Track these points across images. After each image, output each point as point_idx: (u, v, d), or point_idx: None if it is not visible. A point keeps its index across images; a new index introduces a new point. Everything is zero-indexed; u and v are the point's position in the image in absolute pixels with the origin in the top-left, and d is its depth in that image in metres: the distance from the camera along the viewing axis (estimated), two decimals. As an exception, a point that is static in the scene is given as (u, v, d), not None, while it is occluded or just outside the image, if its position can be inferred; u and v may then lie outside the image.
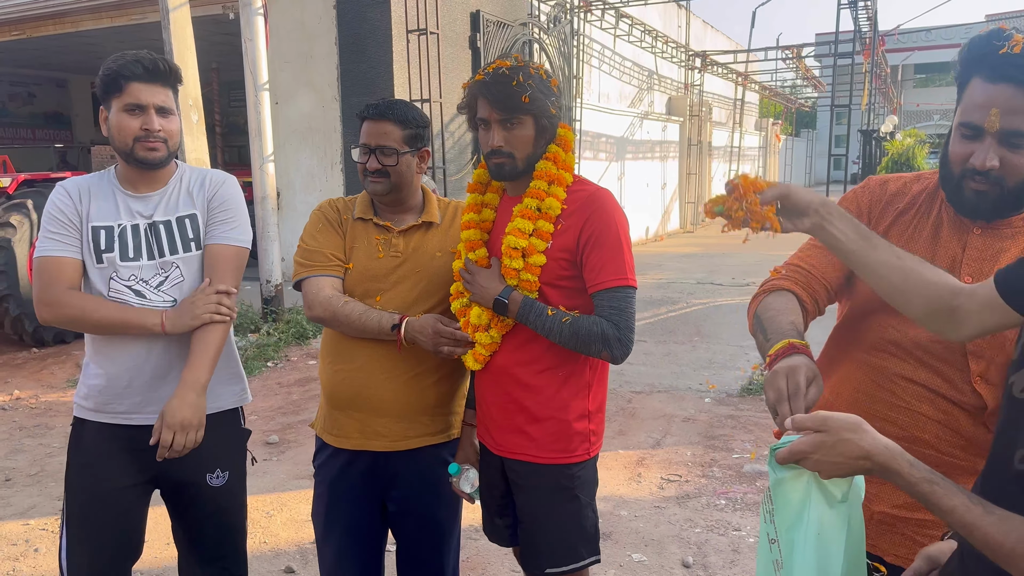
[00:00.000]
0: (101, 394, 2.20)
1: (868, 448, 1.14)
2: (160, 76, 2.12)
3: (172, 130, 2.15)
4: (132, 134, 2.11)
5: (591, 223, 1.97)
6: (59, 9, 10.03)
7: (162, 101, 2.12)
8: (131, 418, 2.19)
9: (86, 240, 2.15)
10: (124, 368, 2.17)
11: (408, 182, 2.25)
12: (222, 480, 2.29)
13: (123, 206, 2.19)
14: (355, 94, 8.53)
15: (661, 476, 4.45)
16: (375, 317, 2.13)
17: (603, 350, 1.95)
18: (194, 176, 2.29)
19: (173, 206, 2.22)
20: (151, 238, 2.18)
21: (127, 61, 2.10)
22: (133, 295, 2.14)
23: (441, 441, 2.29)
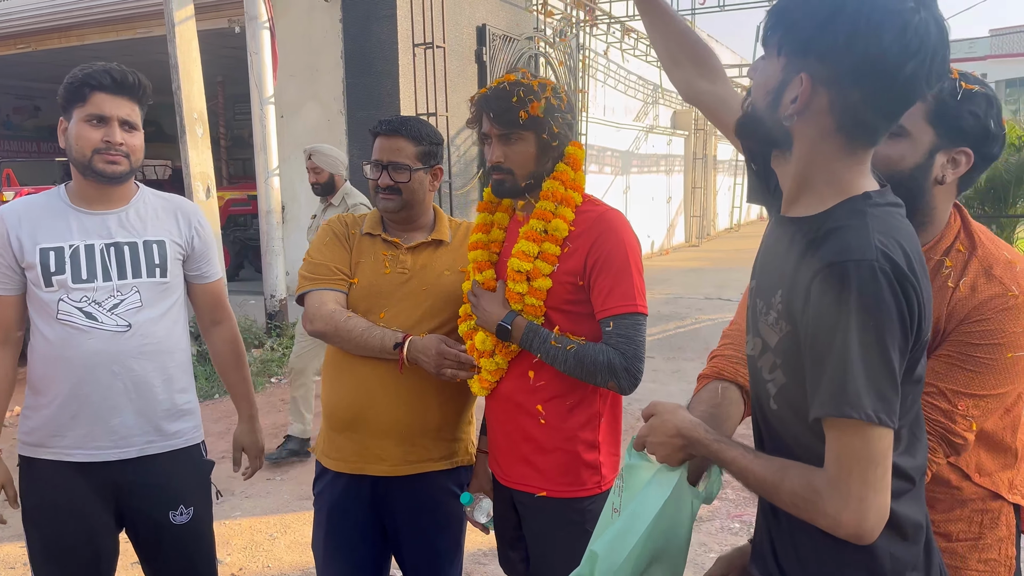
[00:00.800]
0: (44, 428, 2.08)
1: (678, 424, 1.34)
2: (128, 89, 2.03)
3: (135, 145, 2.06)
4: (92, 146, 2.01)
5: (599, 246, 1.89)
6: (66, 23, 10.04)
7: (127, 114, 2.03)
8: (72, 454, 2.07)
9: (33, 263, 2.03)
10: (71, 397, 2.06)
11: (420, 199, 2.19)
12: (186, 517, 2.19)
13: (76, 224, 2.07)
14: (361, 108, 8.48)
15: (673, 498, 4.35)
16: (378, 334, 2.06)
17: (609, 380, 1.86)
18: (159, 202, 2.21)
19: (139, 228, 2.13)
20: (108, 259, 2.07)
21: (95, 70, 2.01)
22: (84, 316, 2.04)
23: (444, 468, 2.21)
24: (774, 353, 1.24)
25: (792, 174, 1.27)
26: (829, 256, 1.13)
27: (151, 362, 2.11)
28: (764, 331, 1.27)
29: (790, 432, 1.26)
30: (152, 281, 2.11)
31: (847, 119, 1.19)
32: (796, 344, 1.19)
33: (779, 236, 1.30)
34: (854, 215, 1.18)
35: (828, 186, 1.23)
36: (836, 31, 1.15)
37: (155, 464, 2.14)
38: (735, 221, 23.38)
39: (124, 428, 2.08)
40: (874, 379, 1.10)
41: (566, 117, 1.97)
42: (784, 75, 1.21)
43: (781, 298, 1.22)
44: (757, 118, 1.28)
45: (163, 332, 2.14)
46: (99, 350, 2.04)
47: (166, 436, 2.15)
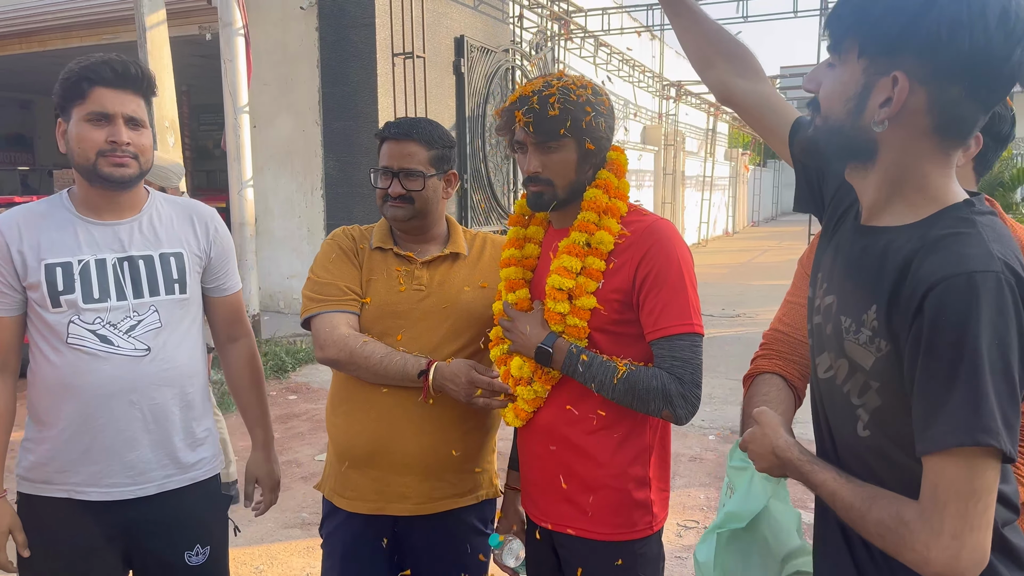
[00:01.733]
0: (51, 464, 1.85)
1: (774, 444, 1.28)
2: (132, 82, 1.80)
3: (144, 145, 1.82)
4: (95, 147, 1.78)
5: (649, 259, 1.70)
6: (26, 28, 9.68)
7: (133, 111, 1.80)
8: (85, 492, 1.86)
9: (37, 282, 1.80)
10: (82, 430, 1.83)
11: (434, 208, 2.00)
12: (203, 557, 1.97)
13: (84, 237, 1.84)
14: (337, 118, 8.27)
15: (677, 523, 4.20)
16: (399, 360, 1.86)
17: (664, 408, 1.66)
18: (174, 208, 1.99)
19: (154, 239, 1.90)
20: (122, 275, 1.84)
21: (93, 63, 1.78)
22: (98, 340, 1.81)
23: (468, 504, 2.02)
24: (868, 375, 1.14)
25: (876, 183, 1.18)
26: (948, 267, 1.03)
27: (171, 388, 1.89)
28: (853, 351, 1.16)
29: (886, 460, 1.16)
30: (171, 298, 1.89)
31: (945, 117, 1.10)
32: (899, 364, 1.09)
33: (866, 247, 1.18)
34: (963, 223, 1.09)
35: (920, 192, 1.14)
36: (934, 22, 1.05)
37: (173, 500, 1.92)
38: (702, 236, 23.50)
39: (142, 463, 1.86)
40: (1002, 405, 1.00)
41: (608, 120, 1.80)
42: (867, 78, 1.12)
43: (876, 314, 1.12)
44: (834, 130, 1.17)
45: (184, 355, 1.92)
46: (115, 377, 1.81)
47: (185, 469, 1.93)
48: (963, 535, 1.02)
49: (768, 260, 18.76)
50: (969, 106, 1.09)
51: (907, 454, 1.10)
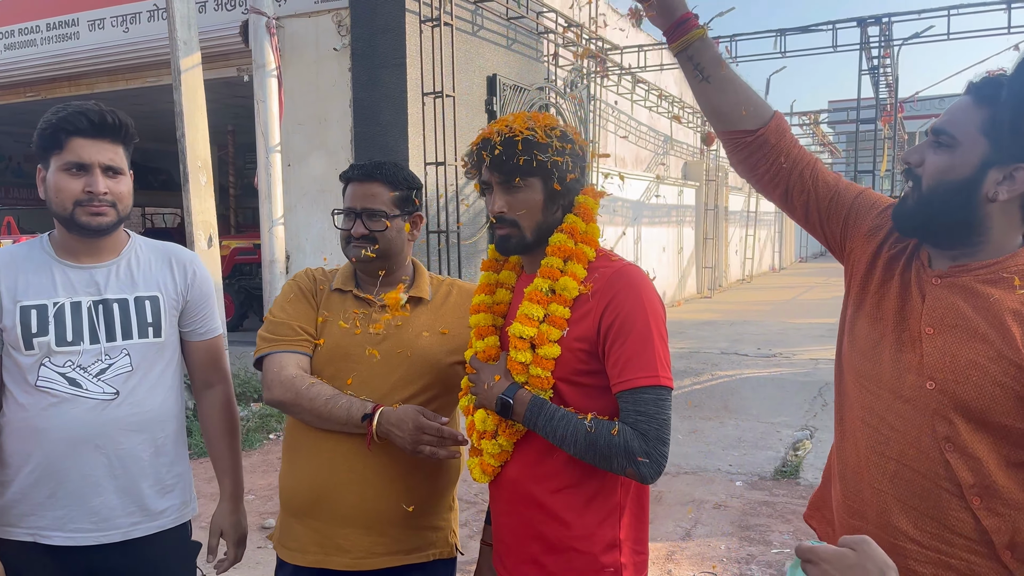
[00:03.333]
0: (17, 506, 1.83)
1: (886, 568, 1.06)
2: (108, 131, 1.81)
3: (121, 192, 1.84)
4: (72, 197, 1.79)
5: (615, 307, 1.61)
6: (75, 71, 10.04)
7: (110, 159, 1.81)
8: (49, 536, 1.82)
9: (11, 324, 1.79)
10: (47, 473, 1.81)
11: (398, 250, 1.96)
12: None
13: (61, 279, 1.84)
14: (368, 156, 8.34)
15: (694, 573, 4.02)
16: (344, 404, 1.80)
17: (627, 466, 1.56)
18: (153, 251, 1.98)
19: (130, 283, 1.90)
20: (96, 318, 1.84)
21: (69, 113, 1.79)
22: (66, 383, 1.80)
23: (416, 561, 1.92)
24: None
25: None
26: None
27: (140, 434, 1.86)
28: None
29: None
30: (144, 342, 1.88)
31: None
32: None
33: None
34: None
35: None
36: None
37: (139, 548, 1.88)
38: (747, 272, 23.13)
39: (106, 509, 1.83)
40: None
41: (577, 162, 1.73)
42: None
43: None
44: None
45: (156, 400, 1.90)
46: (83, 421, 1.79)
47: (152, 516, 1.90)
48: None
49: (813, 297, 18.33)
50: None
51: None
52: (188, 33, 6.80)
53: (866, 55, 13.01)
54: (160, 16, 9.47)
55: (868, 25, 12.09)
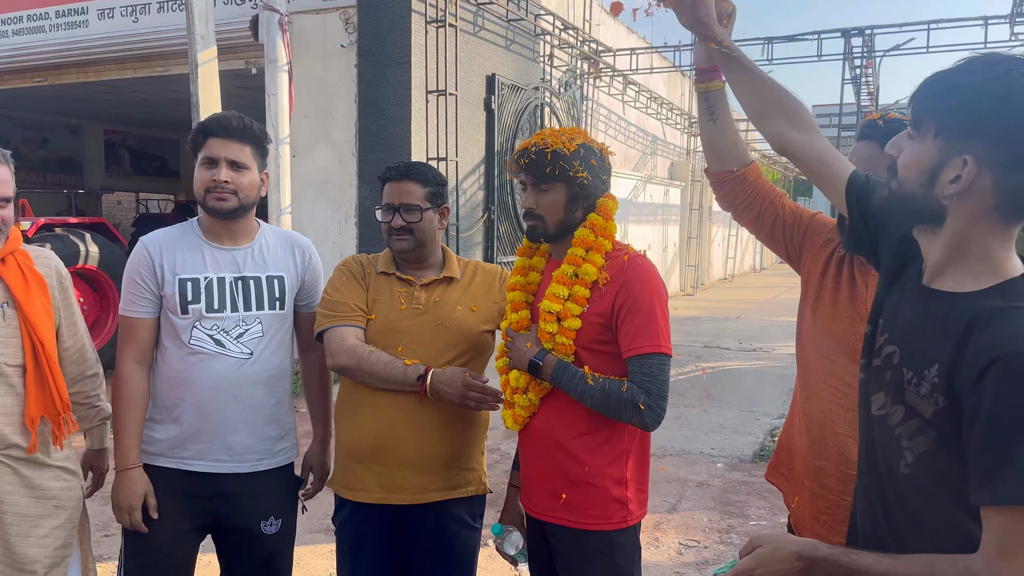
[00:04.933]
0: (167, 440, 2.23)
1: (797, 549, 1.30)
2: (234, 132, 2.19)
3: (243, 183, 2.21)
4: (204, 185, 2.20)
5: (626, 289, 2.01)
6: (84, 59, 10.24)
7: (235, 155, 2.19)
8: (193, 464, 2.23)
9: (172, 292, 2.19)
10: (196, 416, 2.21)
11: (431, 238, 2.32)
12: (275, 528, 2.33)
13: (210, 259, 2.24)
14: (372, 151, 8.67)
15: (679, 541, 4.42)
16: (399, 367, 2.16)
17: (633, 416, 1.96)
18: (279, 238, 2.38)
19: (262, 264, 2.29)
20: (236, 292, 2.23)
21: (209, 120, 2.21)
22: (213, 343, 2.20)
23: (461, 496, 2.30)
24: (927, 423, 1.25)
25: (942, 247, 1.29)
26: (1008, 344, 1.14)
27: (266, 387, 2.27)
28: (913, 400, 1.28)
29: (923, 495, 1.28)
30: (272, 313, 2.28)
31: (1008, 199, 1.21)
32: (956, 420, 1.20)
33: (929, 309, 1.30)
34: (1022, 298, 1.20)
35: (981, 262, 1.25)
36: (1006, 119, 1.17)
37: (260, 478, 2.29)
38: (729, 272, 23.62)
39: (239, 446, 2.24)
40: None
41: (599, 171, 2.11)
42: (941, 156, 1.23)
43: (939, 373, 1.22)
44: (907, 196, 1.30)
45: (278, 360, 2.30)
46: (224, 375, 2.20)
47: (272, 454, 2.32)
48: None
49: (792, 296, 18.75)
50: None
51: (946, 492, 1.23)
52: (205, 27, 7.09)
53: (849, 64, 13.47)
54: (169, 8, 9.73)
55: (852, 36, 12.55)
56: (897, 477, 1.33)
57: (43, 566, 2.10)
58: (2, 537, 2.05)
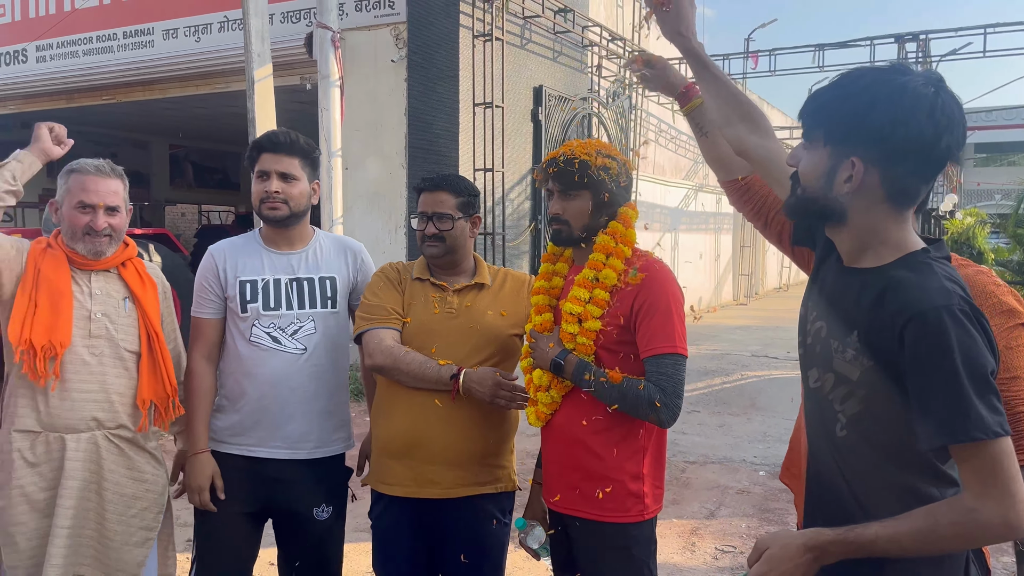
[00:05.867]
0: (231, 428, 2.43)
1: (803, 541, 1.37)
2: (283, 147, 2.39)
3: (292, 193, 2.40)
4: (258, 196, 2.40)
5: (644, 293, 2.11)
6: (149, 77, 10.73)
7: (285, 168, 2.38)
8: (254, 450, 2.42)
9: (233, 293, 2.40)
10: (257, 406, 2.41)
11: (462, 245, 2.44)
12: (326, 514, 2.49)
13: (267, 263, 2.44)
14: (421, 162, 8.89)
15: (716, 547, 4.46)
16: (434, 367, 2.29)
17: (650, 414, 2.05)
18: (332, 243, 2.56)
19: (315, 266, 2.48)
20: (291, 292, 2.42)
21: (262, 137, 2.41)
22: (270, 340, 2.40)
23: (489, 492, 2.41)
24: (854, 386, 1.41)
25: (850, 238, 1.48)
26: (917, 304, 1.32)
27: (320, 380, 2.46)
28: (840, 366, 1.44)
29: (858, 454, 1.44)
30: (325, 311, 2.47)
31: (895, 189, 1.41)
32: (884, 377, 1.37)
33: (847, 284, 1.48)
34: (920, 267, 1.38)
35: (885, 245, 1.44)
36: (877, 120, 1.36)
37: (314, 466, 2.48)
38: (784, 281, 23.29)
39: (296, 435, 2.44)
40: (987, 401, 1.27)
41: (621, 181, 2.22)
42: (833, 160, 1.42)
43: (859, 338, 1.40)
44: (810, 199, 1.47)
45: (331, 356, 2.50)
46: (281, 369, 2.40)
47: (327, 444, 2.50)
48: (1019, 493, 1.26)
49: (849, 307, 18.44)
50: (913, 180, 1.41)
51: (876, 448, 1.39)
52: (261, 46, 7.40)
53: (904, 70, 13.21)
54: (230, 27, 10.13)
55: (906, 41, 12.34)
56: (836, 441, 1.47)
57: (130, 544, 2.31)
58: (99, 512, 2.27)
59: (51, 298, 2.22)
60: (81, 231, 2.26)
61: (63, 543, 2.21)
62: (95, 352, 2.27)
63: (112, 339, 2.30)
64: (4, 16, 12.38)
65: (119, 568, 2.29)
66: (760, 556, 1.41)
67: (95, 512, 2.27)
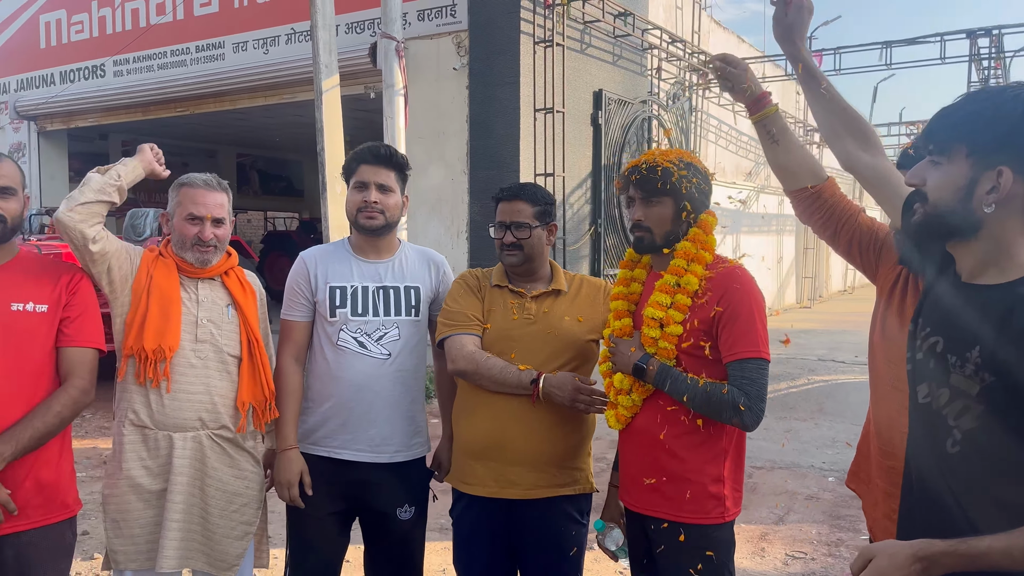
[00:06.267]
0: (317, 430, 2.54)
1: (913, 551, 1.34)
2: (383, 160, 2.49)
3: (389, 204, 2.50)
4: (355, 206, 2.49)
5: (727, 298, 2.13)
6: (220, 89, 11.09)
7: (383, 180, 2.48)
8: (339, 452, 2.52)
9: (323, 298, 2.50)
10: (342, 409, 2.51)
11: (539, 253, 2.50)
12: (409, 514, 2.57)
13: (356, 270, 2.54)
14: (482, 168, 9.00)
15: (786, 552, 4.42)
16: (514, 372, 2.35)
17: (734, 417, 2.08)
18: (417, 254, 2.66)
19: (400, 275, 2.57)
20: (378, 299, 2.52)
21: (362, 149, 2.50)
22: (357, 344, 2.49)
23: (567, 493, 2.45)
24: (973, 401, 1.41)
25: (975, 253, 1.48)
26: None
27: (403, 386, 2.55)
28: (958, 381, 1.44)
29: (972, 468, 1.42)
30: (408, 319, 2.56)
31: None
32: (1004, 394, 1.36)
33: (967, 299, 1.48)
34: None
35: (1011, 261, 1.44)
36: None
37: (397, 468, 2.57)
38: (849, 283, 22.77)
39: (379, 438, 2.53)
40: None
41: (702, 189, 2.25)
42: (975, 172, 1.43)
43: (981, 353, 1.39)
44: (941, 215, 1.47)
45: (413, 362, 2.59)
46: (366, 373, 2.50)
47: (408, 448, 2.59)
48: None
49: (918, 310, 17.93)
50: None
51: (990, 464, 1.38)
52: (329, 57, 7.59)
53: (976, 67, 12.85)
54: (297, 39, 10.42)
55: (978, 37, 11.99)
56: (946, 456, 1.46)
57: (231, 538, 2.43)
58: (203, 507, 2.40)
59: (162, 304, 2.35)
60: (190, 241, 2.39)
61: (175, 536, 2.34)
62: (200, 356, 2.40)
63: (216, 344, 2.43)
64: (83, 33, 12.95)
65: (221, 559, 2.41)
66: (866, 564, 1.39)
67: (199, 507, 2.39)
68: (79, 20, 12.94)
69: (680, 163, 2.22)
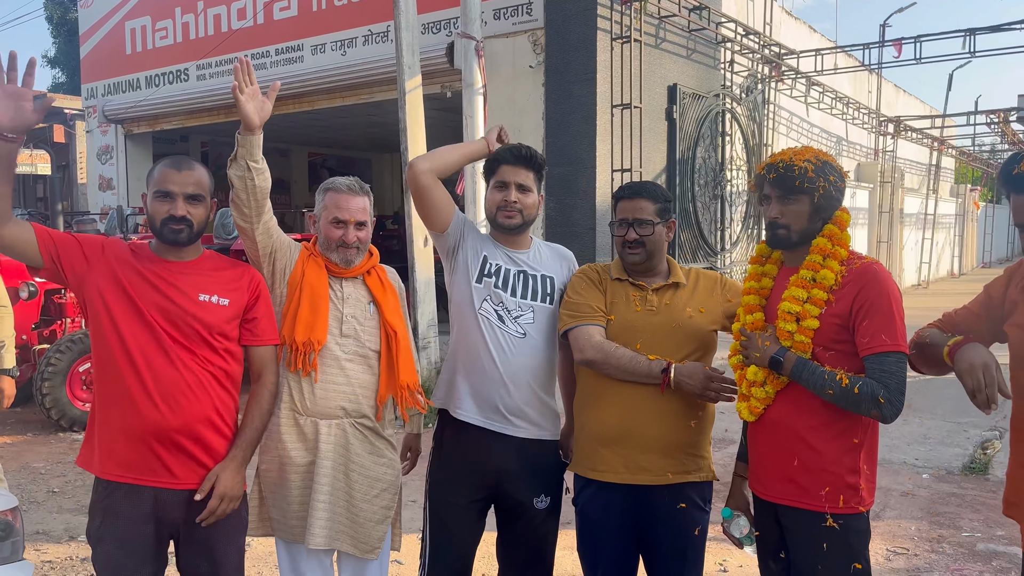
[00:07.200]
0: (455, 392, 2.63)
1: None
2: (523, 160, 2.57)
3: (527, 202, 2.58)
4: (495, 204, 2.59)
5: (865, 292, 2.16)
6: (299, 91, 11.38)
7: (523, 180, 2.56)
8: (475, 419, 2.60)
9: (473, 257, 2.61)
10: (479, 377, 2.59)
11: (660, 248, 2.55)
12: (545, 504, 2.65)
13: (502, 254, 2.64)
14: (558, 164, 9.07)
15: (887, 548, 4.39)
16: (644, 362, 2.40)
17: (873, 409, 2.11)
18: (549, 249, 2.76)
19: (538, 265, 2.66)
20: (518, 282, 2.61)
21: (503, 150, 2.59)
22: (496, 317, 2.58)
23: (693, 480, 2.51)
24: None
25: None
26: None
27: (539, 364, 2.63)
28: None
29: None
30: (542, 305, 2.64)
31: None
32: None
33: None
34: None
35: None
36: None
37: (534, 449, 2.64)
38: (923, 277, 22.16)
39: (509, 410, 2.59)
40: None
41: (837, 186, 2.29)
42: None
43: None
44: None
45: (545, 346, 2.66)
46: (506, 344, 2.58)
47: (541, 428, 2.65)
48: None
49: (999, 304, 17.38)
50: None
51: None
52: (412, 58, 7.75)
53: (1065, 51, 12.40)
54: (374, 40, 10.64)
55: (1068, 20, 11.56)
56: None
57: (373, 521, 2.57)
58: (348, 491, 2.54)
59: (312, 300, 2.51)
60: (335, 243, 2.54)
61: (323, 515, 2.48)
62: (345, 349, 2.54)
63: (359, 339, 2.57)
64: (167, 39, 13.45)
65: (365, 542, 2.55)
66: None
67: (344, 491, 2.53)
68: (163, 26, 13.45)
69: (816, 161, 2.26)
